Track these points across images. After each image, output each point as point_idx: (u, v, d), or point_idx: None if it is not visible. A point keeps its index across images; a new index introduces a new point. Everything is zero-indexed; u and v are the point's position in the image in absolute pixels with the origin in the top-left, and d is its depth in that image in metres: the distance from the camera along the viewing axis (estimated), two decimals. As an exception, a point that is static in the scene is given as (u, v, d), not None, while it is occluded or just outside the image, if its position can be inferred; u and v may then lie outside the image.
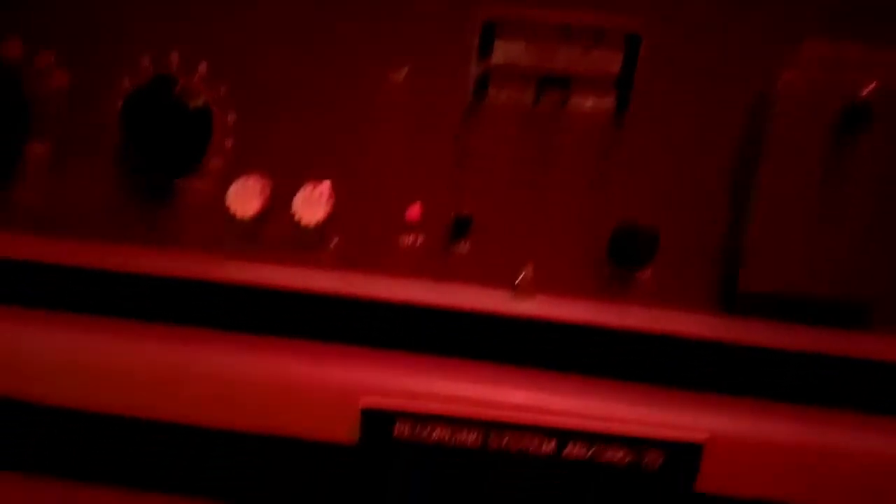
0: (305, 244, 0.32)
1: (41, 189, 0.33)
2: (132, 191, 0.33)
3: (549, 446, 0.31)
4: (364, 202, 0.32)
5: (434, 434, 0.32)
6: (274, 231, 0.32)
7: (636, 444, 0.31)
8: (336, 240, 0.32)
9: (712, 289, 0.31)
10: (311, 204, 0.31)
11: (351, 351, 0.34)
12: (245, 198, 0.31)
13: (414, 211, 0.31)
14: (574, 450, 0.31)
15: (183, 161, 0.31)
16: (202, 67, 0.31)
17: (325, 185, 0.31)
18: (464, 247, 0.32)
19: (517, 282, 0.31)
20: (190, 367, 0.33)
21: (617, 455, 0.31)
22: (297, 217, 0.31)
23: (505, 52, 0.30)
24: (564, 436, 0.31)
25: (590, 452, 0.31)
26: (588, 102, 0.30)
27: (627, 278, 0.32)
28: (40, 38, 0.32)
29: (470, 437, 0.32)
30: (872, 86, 0.28)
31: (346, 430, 0.33)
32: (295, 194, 0.31)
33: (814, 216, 0.30)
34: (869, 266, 0.30)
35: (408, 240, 0.32)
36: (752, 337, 0.31)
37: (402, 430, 0.32)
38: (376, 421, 0.32)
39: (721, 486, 0.31)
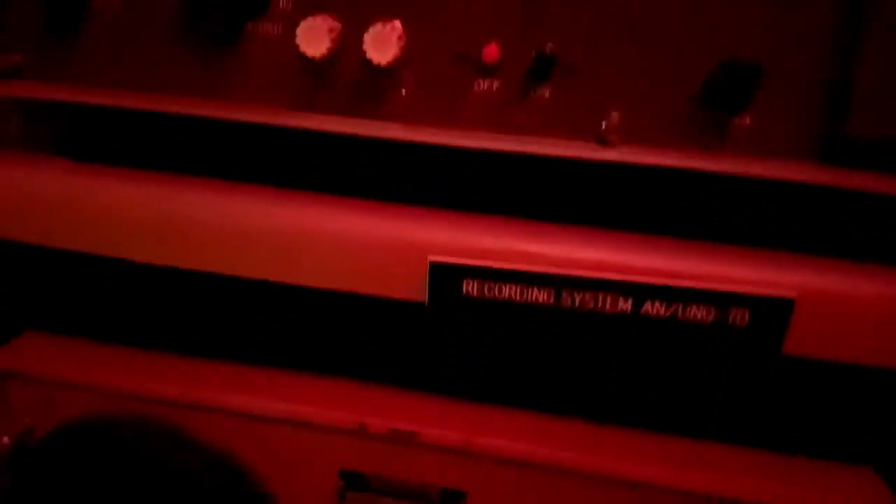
0: (376, 91, 0.31)
1: (111, 38, 0.33)
2: (202, 37, 0.32)
3: (625, 304, 0.30)
4: (437, 42, 0.30)
5: (504, 292, 0.32)
6: (345, 74, 0.31)
7: (720, 300, 0.29)
8: (407, 87, 0.31)
9: (815, 137, 0.29)
10: (382, 43, 0.29)
11: (421, 210, 0.33)
12: (314, 38, 0.30)
13: (491, 51, 0.30)
14: (653, 308, 0.30)
15: (251, 2, 0.30)
16: None
17: (396, 24, 0.30)
18: (545, 92, 0.30)
19: (603, 128, 0.30)
20: (255, 225, 0.33)
21: (699, 313, 0.29)
22: (367, 55, 0.29)
23: None
24: (642, 292, 0.30)
25: (670, 311, 0.30)
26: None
27: (723, 125, 0.29)
28: None
29: (541, 295, 0.31)
30: None
31: (415, 288, 0.32)
32: (365, 34, 0.30)
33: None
34: None
35: (484, 84, 0.30)
36: (858, 183, 0.28)
37: (470, 287, 0.32)
38: (445, 277, 0.32)
39: (812, 348, 0.29)
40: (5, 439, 0.40)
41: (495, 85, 0.30)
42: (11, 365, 0.40)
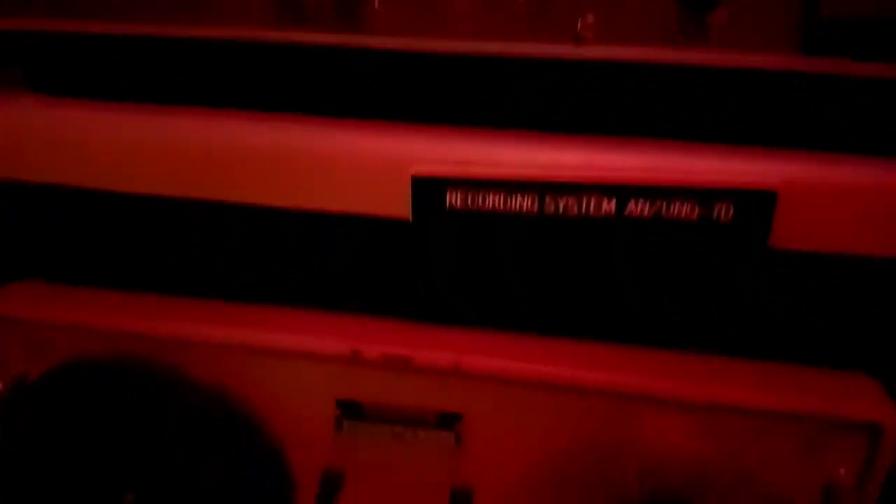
0: (350, 5, 0.31)
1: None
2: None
3: (609, 206, 0.30)
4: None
5: (488, 201, 0.32)
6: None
7: (704, 195, 0.29)
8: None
9: (793, 27, 0.28)
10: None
11: (401, 125, 0.33)
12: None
13: (463, -49, 0.29)
14: (637, 207, 0.30)
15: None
16: None
17: (367, -70, 0.29)
18: (519, -6, 0.30)
19: (578, 28, 0.29)
20: (237, 148, 0.33)
21: (683, 210, 0.29)
22: (337, -38, 0.29)
23: None
24: (625, 192, 0.30)
25: (654, 209, 0.30)
26: None
27: (701, 22, 0.29)
28: None
29: (525, 203, 0.31)
30: None
31: (399, 205, 0.32)
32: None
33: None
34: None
35: (460, -13, 0.30)
36: (833, 69, 0.28)
37: (454, 198, 0.32)
38: (428, 190, 0.32)
39: (798, 241, 0.29)
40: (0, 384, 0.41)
41: (472, -14, 0.30)
42: (6, 310, 0.41)
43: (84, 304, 0.41)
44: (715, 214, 0.29)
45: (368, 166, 0.32)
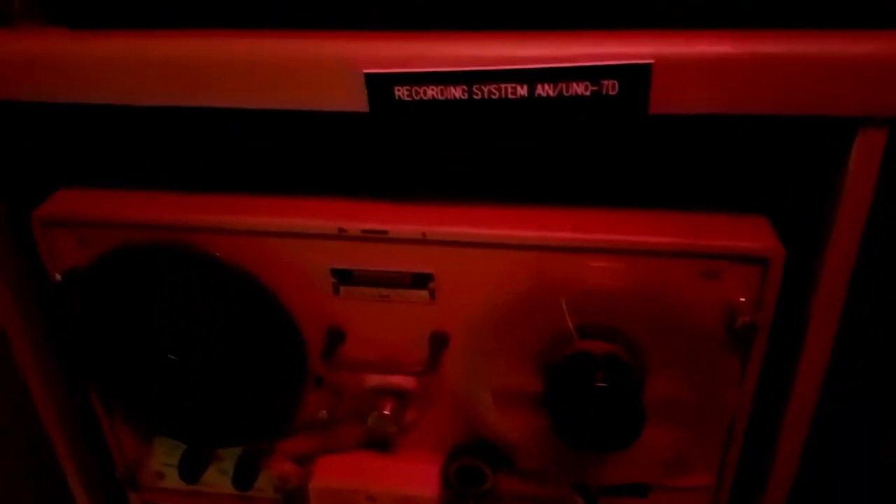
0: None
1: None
2: None
3: (522, 90, 0.38)
4: None
5: (428, 93, 0.40)
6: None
7: (594, 73, 0.37)
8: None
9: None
10: None
11: (351, 33, 0.41)
12: None
13: None
14: (543, 89, 0.38)
15: None
16: None
17: None
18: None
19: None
20: (213, 58, 0.42)
21: (579, 88, 0.38)
22: None
23: None
24: (534, 76, 0.38)
25: (557, 89, 0.38)
26: None
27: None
28: None
29: (457, 91, 0.39)
30: None
31: (354, 99, 0.41)
32: None
33: None
34: None
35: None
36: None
37: (401, 91, 0.40)
38: (378, 85, 0.40)
39: (672, 106, 0.37)
40: (57, 276, 0.52)
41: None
42: (54, 214, 0.51)
43: (120, 204, 0.50)
44: (604, 90, 0.37)
45: (332, 68, 0.41)
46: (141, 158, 0.50)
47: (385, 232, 0.47)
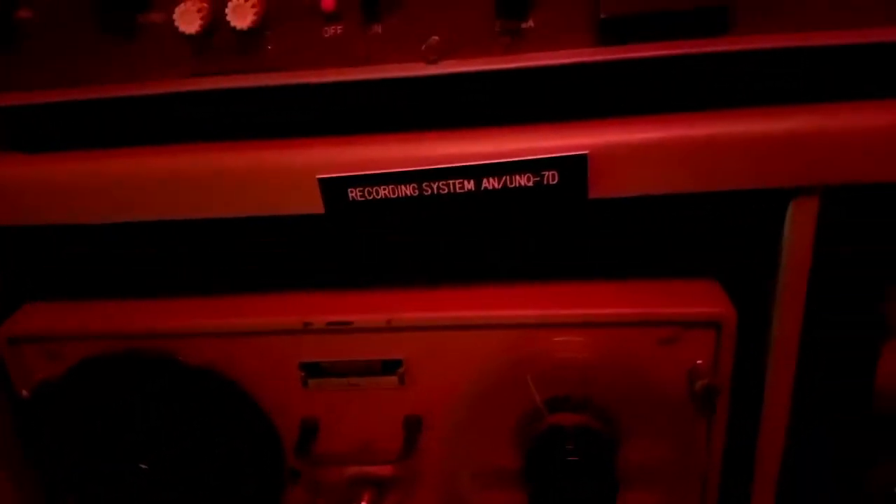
0: (247, 49, 0.41)
1: (33, 47, 0.43)
2: (105, 33, 0.41)
3: (469, 184, 0.41)
4: (285, 4, 0.40)
5: (380, 192, 0.42)
6: (219, 41, 0.41)
7: (535, 166, 0.39)
8: (271, 42, 0.41)
9: (588, 25, 0.38)
10: (241, 12, 0.39)
11: (305, 139, 0.43)
12: (188, 18, 0.39)
13: (328, 2, 0.39)
14: (489, 182, 0.40)
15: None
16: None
17: (250, -4, 0.39)
18: (378, 28, 0.40)
19: (423, 48, 0.39)
20: (179, 172, 0.43)
21: (522, 180, 0.40)
22: (231, 24, 0.39)
23: None
24: (479, 172, 0.40)
25: (501, 182, 0.40)
26: None
27: (515, 30, 0.39)
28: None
29: (408, 189, 0.41)
30: None
31: (314, 202, 0.43)
32: (227, 6, 0.39)
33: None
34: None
35: (330, 30, 0.40)
36: (624, 55, 0.38)
37: (354, 193, 0.42)
38: (333, 189, 0.42)
39: (609, 190, 0.40)
40: (24, 392, 0.52)
41: (339, 29, 0.40)
42: (20, 331, 0.51)
43: (84, 316, 0.51)
44: (545, 180, 0.39)
45: (287, 175, 0.42)
46: (104, 268, 0.51)
47: (350, 323, 0.48)
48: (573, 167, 0.39)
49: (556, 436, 0.48)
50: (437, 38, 0.40)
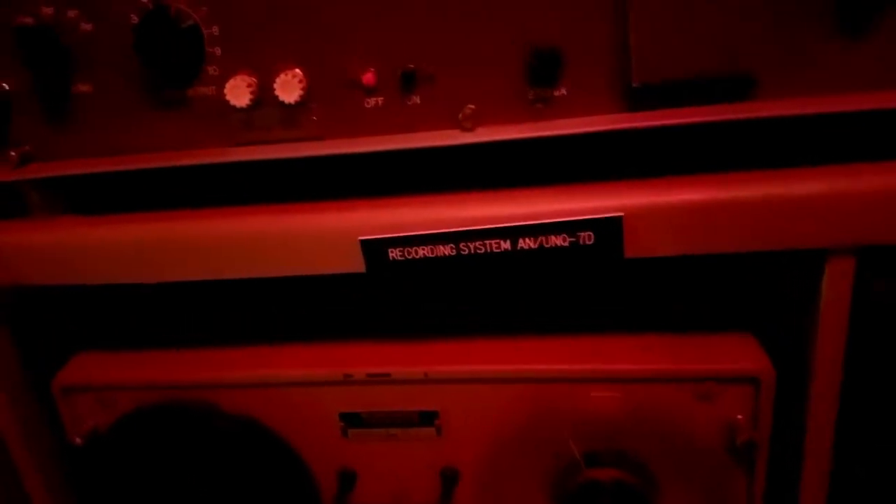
0: (293, 121, 0.44)
1: (92, 119, 0.46)
2: (157, 103, 0.44)
3: (506, 244, 0.42)
4: (329, 78, 0.42)
5: (419, 252, 0.44)
6: (267, 114, 0.43)
7: (570, 227, 0.41)
8: (316, 114, 0.43)
9: (617, 92, 0.40)
10: (288, 87, 0.42)
11: (347, 202, 0.46)
12: (238, 93, 0.42)
13: (369, 77, 0.41)
14: (525, 242, 0.42)
15: (186, 70, 0.42)
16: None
17: (297, 71, 0.42)
18: (416, 98, 0.42)
19: (460, 117, 0.41)
20: (227, 234, 0.46)
21: (559, 240, 0.41)
22: (280, 98, 0.42)
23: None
24: (516, 233, 0.42)
25: (537, 242, 0.42)
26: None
27: (547, 97, 0.41)
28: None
29: (445, 249, 0.43)
30: None
31: (355, 262, 0.45)
32: (274, 83, 0.42)
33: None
34: (750, 40, 0.38)
35: (371, 101, 0.42)
36: (655, 122, 0.39)
37: (394, 253, 0.44)
38: (374, 250, 0.44)
39: (646, 250, 0.41)
40: (77, 440, 0.54)
41: (380, 101, 0.42)
42: (73, 381, 0.54)
43: (133, 366, 0.54)
44: (581, 241, 0.41)
45: (330, 237, 0.45)
46: (152, 319, 0.54)
47: (388, 374, 0.50)
48: (608, 229, 0.40)
49: (593, 490, 0.48)
50: (472, 106, 0.42)
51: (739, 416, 0.47)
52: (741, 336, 0.48)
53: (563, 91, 0.41)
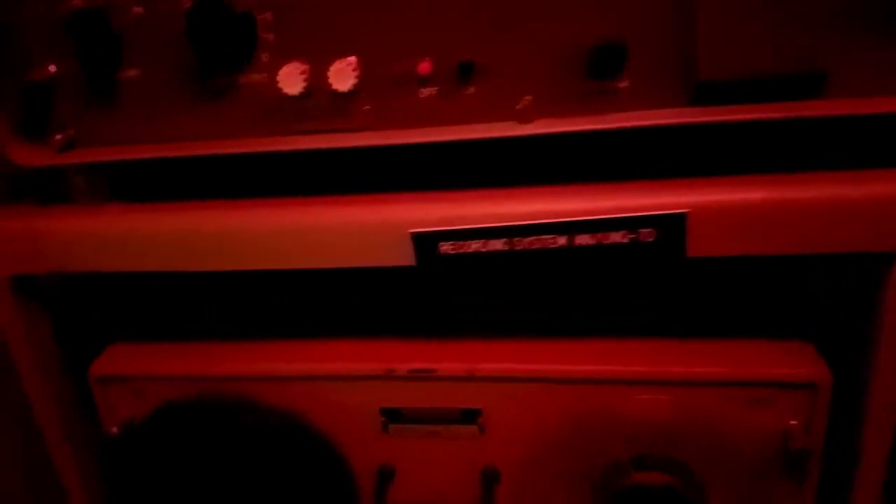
0: (345, 111, 0.43)
1: (139, 105, 0.45)
2: (206, 90, 0.44)
3: (562, 240, 0.41)
4: (383, 67, 0.41)
5: (471, 246, 0.43)
6: (319, 102, 0.42)
7: (631, 223, 0.40)
8: (368, 104, 0.42)
9: (681, 86, 0.39)
10: (342, 75, 0.41)
11: (399, 195, 0.45)
12: (291, 80, 0.41)
13: (425, 66, 0.41)
14: (582, 239, 0.41)
15: (238, 57, 0.42)
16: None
17: (351, 59, 0.41)
18: (471, 89, 0.41)
19: (518, 108, 0.40)
20: (275, 225, 0.45)
21: (618, 237, 0.40)
22: (333, 87, 0.41)
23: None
24: (573, 228, 0.41)
25: (595, 239, 0.41)
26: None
27: (607, 90, 0.40)
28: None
29: (498, 244, 0.42)
30: None
31: (406, 255, 0.44)
32: (328, 71, 0.41)
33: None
34: (820, 36, 0.37)
35: (425, 92, 0.41)
36: (721, 117, 0.38)
37: (445, 247, 0.43)
38: (425, 243, 0.43)
39: (709, 249, 0.40)
40: (113, 430, 0.54)
41: (434, 91, 0.41)
42: (109, 371, 0.54)
43: (170, 357, 0.53)
44: (642, 237, 0.40)
45: (381, 229, 0.44)
46: (191, 310, 0.53)
47: (433, 371, 0.49)
48: (671, 225, 0.39)
49: (640, 495, 0.47)
50: (529, 97, 0.41)
51: (793, 423, 0.46)
52: (798, 343, 0.47)
53: (625, 83, 0.39)
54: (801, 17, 0.36)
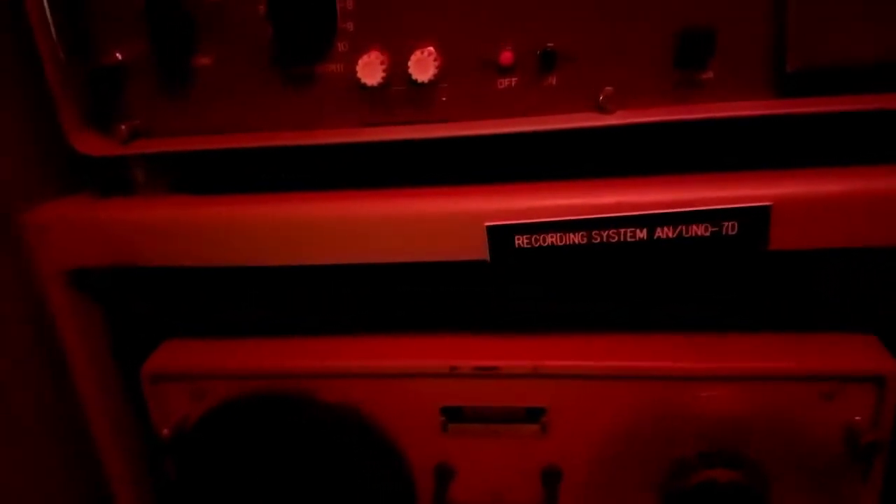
0: (424, 101, 0.43)
1: (208, 94, 0.45)
2: (282, 79, 0.43)
3: (641, 233, 0.41)
4: (463, 57, 0.41)
5: (547, 240, 0.43)
6: (397, 92, 0.42)
7: (713, 216, 0.40)
8: (447, 95, 0.42)
9: (768, 77, 0.39)
10: (422, 65, 0.41)
11: (473, 187, 0.45)
12: (370, 70, 0.41)
13: (506, 56, 0.41)
14: (663, 232, 0.41)
15: (317, 45, 0.41)
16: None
17: (431, 49, 0.41)
18: (552, 79, 0.41)
19: (601, 99, 0.41)
20: (347, 218, 0.45)
21: (699, 230, 0.40)
22: (413, 77, 0.41)
23: None
24: (653, 221, 0.41)
25: (676, 232, 0.41)
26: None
27: (693, 80, 0.40)
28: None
29: (576, 238, 0.42)
30: None
31: (479, 249, 0.43)
32: (409, 60, 0.41)
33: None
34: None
35: (504, 82, 0.41)
36: (809, 108, 0.38)
37: (521, 240, 0.43)
38: (499, 236, 0.43)
39: (791, 242, 0.40)
40: (165, 430, 0.53)
41: (513, 81, 0.41)
42: (162, 368, 0.53)
43: (225, 354, 0.53)
44: (724, 231, 0.40)
45: (454, 222, 0.43)
46: (250, 304, 0.53)
47: (496, 368, 0.49)
48: (755, 218, 0.39)
49: (708, 491, 0.47)
50: (611, 88, 0.41)
51: (858, 418, 0.46)
52: (863, 337, 0.47)
53: (711, 74, 0.40)
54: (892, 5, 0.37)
